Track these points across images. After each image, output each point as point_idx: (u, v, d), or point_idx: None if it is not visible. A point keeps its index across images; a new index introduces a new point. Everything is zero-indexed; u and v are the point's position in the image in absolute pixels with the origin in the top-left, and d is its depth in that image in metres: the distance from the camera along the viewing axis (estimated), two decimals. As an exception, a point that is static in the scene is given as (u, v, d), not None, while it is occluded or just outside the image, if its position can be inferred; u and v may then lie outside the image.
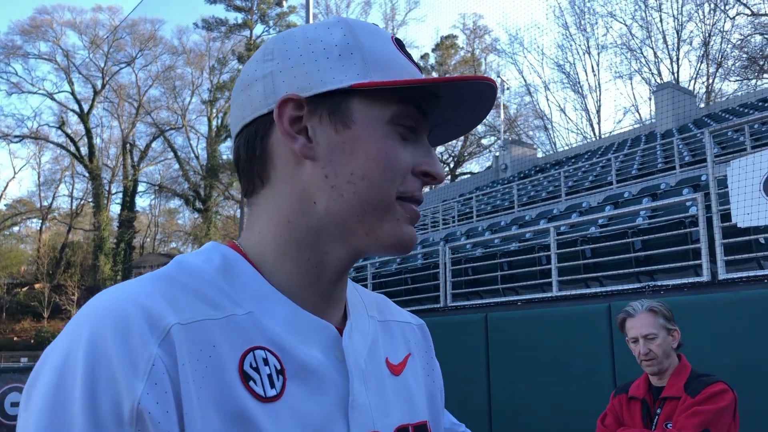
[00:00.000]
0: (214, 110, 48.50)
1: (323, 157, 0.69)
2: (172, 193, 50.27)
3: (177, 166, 49.17)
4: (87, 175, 47.74)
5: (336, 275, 0.73)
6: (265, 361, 0.64)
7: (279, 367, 0.65)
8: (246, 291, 0.68)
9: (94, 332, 0.58)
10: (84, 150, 47.30)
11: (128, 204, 46.88)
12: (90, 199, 48.10)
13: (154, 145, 50.37)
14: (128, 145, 48.55)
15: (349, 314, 0.77)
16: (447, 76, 0.70)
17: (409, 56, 0.74)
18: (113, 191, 48.72)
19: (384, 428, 0.72)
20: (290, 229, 0.71)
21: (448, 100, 0.72)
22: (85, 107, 47.91)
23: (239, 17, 47.92)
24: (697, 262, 6.13)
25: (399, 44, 0.74)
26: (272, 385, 0.64)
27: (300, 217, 0.71)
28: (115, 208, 48.62)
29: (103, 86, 48.76)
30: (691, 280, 6.01)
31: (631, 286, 6.56)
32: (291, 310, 0.69)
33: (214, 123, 48.14)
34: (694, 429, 2.42)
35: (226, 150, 49.50)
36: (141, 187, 50.05)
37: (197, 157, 48.96)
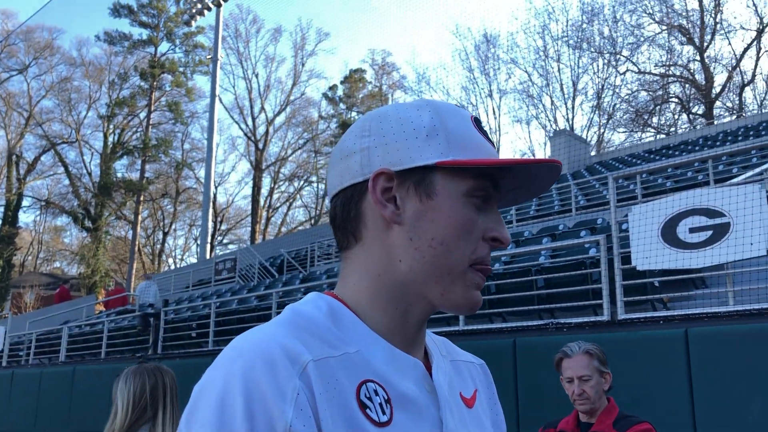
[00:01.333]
0: (111, 126, 46.51)
1: (408, 223, 0.80)
2: (59, 209, 47.47)
3: (67, 181, 46.56)
4: (-35, 185, 44.55)
5: (418, 324, 0.84)
6: (375, 392, 0.75)
7: (386, 397, 0.75)
8: (351, 333, 0.78)
9: (247, 367, 0.69)
10: (-37, 159, 44.13)
11: (10, 219, 43.78)
12: (-33, 211, 44.80)
13: (43, 158, 47.60)
14: (14, 157, 45.62)
15: (431, 354, 0.87)
16: (517, 158, 0.83)
17: (485, 134, 0.85)
18: (-6, 204, 45.67)
19: None
20: (380, 282, 0.82)
21: (517, 174, 0.83)
22: (-32, 113, 44.83)
23: (144, 33, 46.50)
24: (598, 301, 6.39)
25: (477, 123, 0.85)
26: (383, 412, 0.74)
27: (388, 273, 0.81)
28: (-6, 223, 45.50)
29: (-10, 93, 45.90)
30: (591, 319, 6.25)
31: (534, 323, 6.74)
32: (388, 350, 0.79)
33: (110, 139, 46.16)
34: None
35: (121, 168, 47.46)
36: (26, 202, 46.92)
37: (90, 174, 46.50)
